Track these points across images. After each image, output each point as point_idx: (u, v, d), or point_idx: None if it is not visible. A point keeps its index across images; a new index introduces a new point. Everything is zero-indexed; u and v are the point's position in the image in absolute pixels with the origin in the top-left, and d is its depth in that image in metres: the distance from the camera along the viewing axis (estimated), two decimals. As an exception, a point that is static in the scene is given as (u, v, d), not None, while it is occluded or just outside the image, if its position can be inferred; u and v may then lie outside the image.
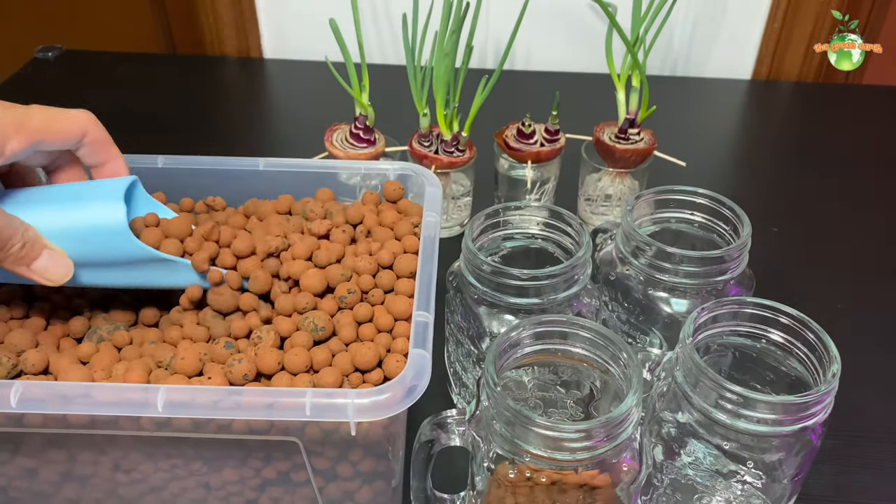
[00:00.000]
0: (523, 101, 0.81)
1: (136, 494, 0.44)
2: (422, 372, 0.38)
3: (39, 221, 0.41)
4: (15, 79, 1.02)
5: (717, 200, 0.53)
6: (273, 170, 0.54)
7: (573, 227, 0.51)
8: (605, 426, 0.36)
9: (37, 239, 0.40)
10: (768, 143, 0.93)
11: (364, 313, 0.44)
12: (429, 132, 0.71)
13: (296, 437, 0.39)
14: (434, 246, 0.46)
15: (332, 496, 0.44)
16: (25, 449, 0.41)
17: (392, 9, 1.01)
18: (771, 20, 1.00)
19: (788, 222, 0.77)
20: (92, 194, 0.43)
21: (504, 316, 0.49)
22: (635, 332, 0.54)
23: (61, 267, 0.41)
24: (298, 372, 0.41)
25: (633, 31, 0.66)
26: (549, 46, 1.04)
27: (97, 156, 0.44)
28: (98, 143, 0.43)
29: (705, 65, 1.05)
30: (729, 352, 0.47)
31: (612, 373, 0.41)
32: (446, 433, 0.42)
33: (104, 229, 0.41)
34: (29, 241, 0.39)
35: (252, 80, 1.08)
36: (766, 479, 0.42)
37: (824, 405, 0.39)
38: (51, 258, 0.41)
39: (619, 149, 0.69)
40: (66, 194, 0.43)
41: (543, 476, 0.38)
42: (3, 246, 0.38)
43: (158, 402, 0.36)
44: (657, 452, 0.45)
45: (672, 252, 0.49)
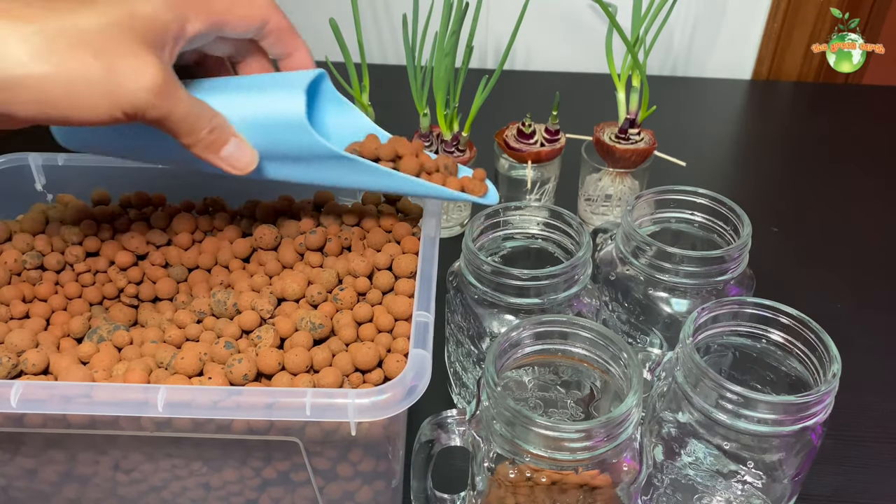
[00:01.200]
0: (523, 101, 0.81)
1: (136, 494, 0.44)
2: (422, 372, 0.38)
3: (224, 109, 0.40)
4: (15, 79, 1.02)
5: (717, 200, 0.53)
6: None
7: (573, 227, 0.51)
8: (606, 426, 0.36)
9: (225, 126, 0.40)
10: (768, 143, 0.93)
11: (364, 313, 0.44)
12: (429, 132, 0.71)
13: (296, 437, 0.39)
14: (434, 246, 0.46)
15: (333, 496, 0.44)
16: (25, 449, 0.41)
17: (392, 9, 1.01)
18: (771, 20, 1.00)
19: (788, 222, 0.77)
20: (274, 85, 0.42)
21: (504, 316, 0.49)
22: (635, 332, 0.54)
23: (247, 155, 0.41)
24: (298, 372, 0.41)
25: (633, 31, 0.66)
26: (549, 46, 1.04)
27: (281, 45, 0.43)
28: (281, 31, 0.42)
29: (705, 65, 1.05)
30: (729, 352, 0.47)
31: (613, 373, 0.41)
32: (446, 433, 0.42)
33: (284, 120, 0.41)
34: (217, 127, 0.39)
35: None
36: (766, 479, 0.42)
37: (824, 405, 0.39)
38: (238, 146, 0.40)
39: (619, 149, 0.69)
40: (250, 84, 0.42)
41: (543, 476, 0.38)
42: (192, 130, 0.38)
43: (159, 402, 0.36)
44: (657, 452, 0.45)
45: (672, 252, 0.49)
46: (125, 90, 0.34)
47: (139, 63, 0.35)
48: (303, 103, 0.41)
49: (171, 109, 0.36)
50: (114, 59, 0.34)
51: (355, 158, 0.43)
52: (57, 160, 0.54)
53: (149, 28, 0.35)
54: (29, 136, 0.93)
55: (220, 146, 0.40)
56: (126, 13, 0.35)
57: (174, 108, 0.36)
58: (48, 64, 0.33)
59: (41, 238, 0.49)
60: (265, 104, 0.41)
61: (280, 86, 0.42)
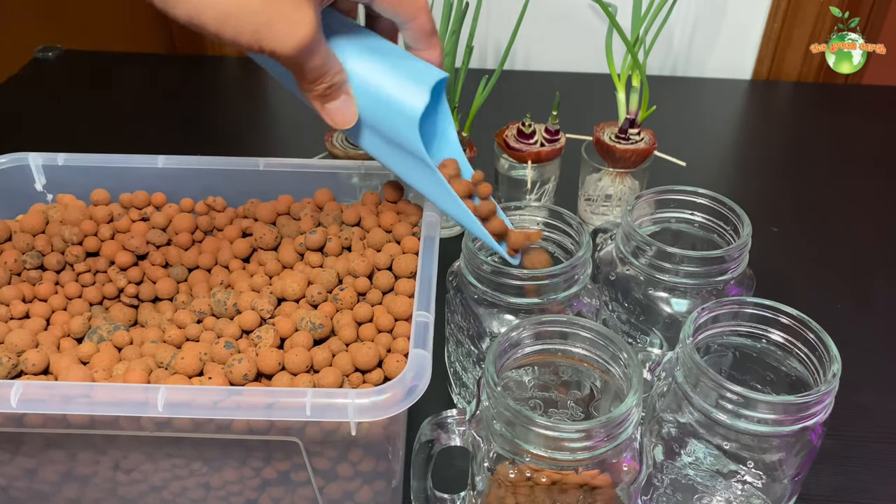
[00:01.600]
0: (523, 101, 0.81)
1: (136, 494, 0.44)
2: (422, 372, 0.38)
3: (353, 66, 0.42)
4: (15, 79, 1.02)
5: (717, 200, 0.53)
6: (273, 170, 0.54)
7: (573, 227, 0.51)
8: (606, 426, 0.36)
9: (342, 84, 0.41)
10: (768, 143, 0.93)
11: (364, 313, 0.44)
12: (429, 132, 0.71)
13: (296, 437, 0.39)
14: (434, 246, 0.46)
15: (333, 496, 0.44)
16: (26, 449, 0.41)
17: (392, 9, 1.01)
18: (771, 20, 1.00)
19: (788, 222, 0.77)
20: (408, 71, 0.43)
21: (504, 316, 0.49)
22: (635, 332, 0.54)
23: (348, 114, 0.42)
24: (298, 372, 0.41)
25: (633, 31, 0.66)
26: (549, 46, 1.04)
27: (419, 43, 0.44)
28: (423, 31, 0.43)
29: (705, 65, 1.05)
30: (729, 352, 0.47)
31: (613, 373, 0.41)
32: (446, 433, 0.42)
33: (400, 108, 0.42)
34: (336, 84, 0.41)
35: (252, 80, 1.08)
36: (766, 479, 0.42)
37: (824, 405, 0.39)
38: (344, 103, 0.42)
39: (619, 149, 0.69)
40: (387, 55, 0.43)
41: (543, 476, 0.38)
42: (312, 81, 0.40)
43: (159, 402, 0.36)
44: (657, 452, 0.45)
45: (672, 252, 0.49)
46: (274, 36, 0.36)
47: (298, 15, 0.36)
48: (424, 103, 0.42)
49: (304, 63, 0.38)
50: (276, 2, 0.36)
51: (439, 176, 0.44)
52: (57, 160, 0.54)
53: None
54: (29, 135, 0.94)
55: (329, 100, 0.41)
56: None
57: (308, 63, 0.38)
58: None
59: (41, 238, 0.49)
60: (391, 84, 0.42)
61: (411, 74, 0.43)
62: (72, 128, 0.92)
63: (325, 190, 0.54)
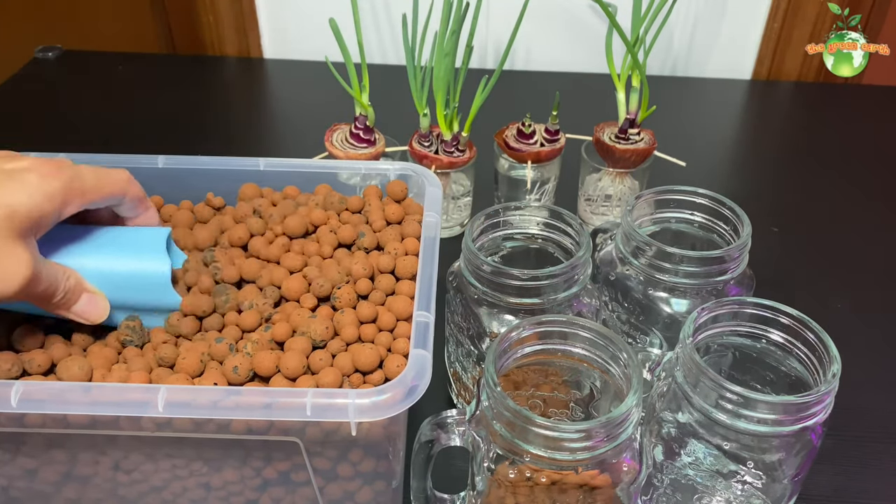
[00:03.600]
0: (523, 101, 0.81)
1: (137, 495, 0.44)
2: (422, 372, 0.38)
3: (83, 265, 0.43)
4: (15, 79, 1.02)
5: (717, 200, 0.53)
6: (273, 170, 0.54)
7: (573, 227, 0.51)
8: (605, 426, 0.36)
9: (78, 284, 0.42)
10: (768, 143, 0.93)
11: (365, 313, 0.44)
12: (429, 132, 0.71)
13: (296, 437, 0.39)
14: (434, 246, 0.46)
15: (333, 496, 0.44)
16: (26, 449, 0.41)
17: (392, 9, 1.01)
18: (771, 20, 1.00)
19: (788, 222, 0.77)
20: (137, 245, 0.44)
21: (504, 316, 0.49)
22: (635, 332, 0.54)
23: (98, 309, 0.43)
24: (298, 373, 0.41)
25: (633, 31, 0.66)
26: (549, 46, 1.04)
27: (134, 211, 0.47)
28: (136, 200, 0.46)
29: (705, 65, 1.05)
30: (729, 352, 0.47)
31: (612, 373, 0.41)
32: (446, 433, 0.42)
33: (147, 281, 0.44)
34: (70, 289, 0.41)
35: (252, 80, 1.08)
36: (766, 479, 0.42)
37: (824, 405, 0.39)
38: (89, 302, 0.42)
39: (619, 149, 0.69)
40: (111, 240, 0.44)
41: (543, 476, 0.38)
42: (46, 298, 0.40)
43: (159, 402, 0.36)
44: (657, 452, 0.45)
45: (672, 252, 0.49)
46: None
47: (11, 262, 0.37)
48: (168, 267, 0.44)
49: (30, 293, 0.39)
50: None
51: None
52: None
53: (26, 222, 0.38)
54: (29, 136, 0.94)
55: (71, 304, 0.42)
56: (6, 213, 0.37)
57: (34, 290, 0.39)
58: None
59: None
60: (128, 265, 0.43)
61: (141, 247, 0.44)
62: (72, 128, 0.92)
63: (325, 185, 0.54)
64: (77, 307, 0.42)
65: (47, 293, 0.40)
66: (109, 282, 0.43)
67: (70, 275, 0.41)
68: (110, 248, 0.44)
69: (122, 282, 0.43)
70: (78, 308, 0.42)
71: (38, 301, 0.40)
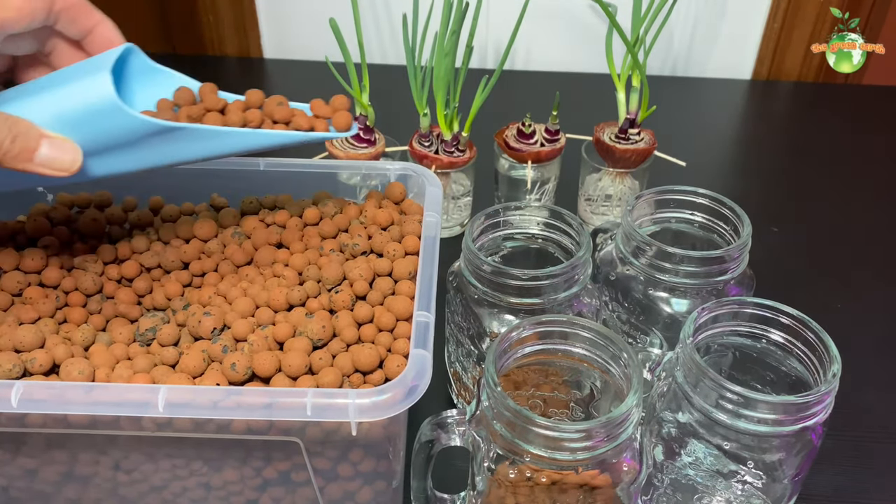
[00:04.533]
0: (523, 101, 0.81)
1: (137, 494, 0.44)
2: (422, 372, 0.38)
3: (30, 112, 0.37)
4: (15, 79, 1.02)
5: (717, 200, 0.53)
6: (273, 170, 0.54)
7: (573, 227, 0.51)
8: (606, 426, 0.36)
9: (29, 129, 0.36)
10: (768, 143, 0.93)
11: (365, 314, 0.44)
12: (429, 132, 0.71)
13: (296, 437, 0.39)
14: (434, 246, 0.46)
15: (333, 496, 0.44)
16: (26, 449, 0.41)
17: (392, 9, 1.01)
18: (771, 20, 1.00)
19: (788, 222, 0.77)
20: (78, 74, 0.38)
21: (504, 316, 0.49)
22: (635, 332, 0.54)
23: (67, 153, 0.37)
24: (299, 373, 0.41)
25: (633, 31, 0.66)
26: (549, 46, 1.04)
27: (77, 24, 0.40)
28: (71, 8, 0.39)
29: (705, 65, 1.05)
30: (729, 352, 0.47)
31: (613, 373, 0.41)
32: (446, 433, 0.42)
33: (95, 107, 0.37)
34: (21, 133, 0.36)
35: (252, 80, 1.08)
36: (766, 479, 0.42)
37: (824, 405, 0.39)
38: (53, 146, 0.37)
39: (619, 149, 0.69)
40: (54, 80, 0.39)
41: (544, 476, 0.38)
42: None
43: (159, 402, 0.36)
44: (657, 452, 0.45)
45: (672, 252, 0.49)
46: None
47: None
48: (108, 84, 0.37)
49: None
50: None
51: (185, 126, 0.39)
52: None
53: None
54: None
55: (31, 153, 0.36)
56: None
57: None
58: None
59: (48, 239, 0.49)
60: (72, 95, 0.37)
61: (84, 72, 0.38)
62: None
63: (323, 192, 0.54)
64: (39, 156, 0.36)
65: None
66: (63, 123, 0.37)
67: (15, 121, 0.35)
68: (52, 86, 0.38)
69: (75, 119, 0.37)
70: (41, 157, 0.36)
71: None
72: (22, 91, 0.39)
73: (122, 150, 0.40)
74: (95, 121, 0.38)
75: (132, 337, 0.45)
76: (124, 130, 0.38)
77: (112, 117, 0.38)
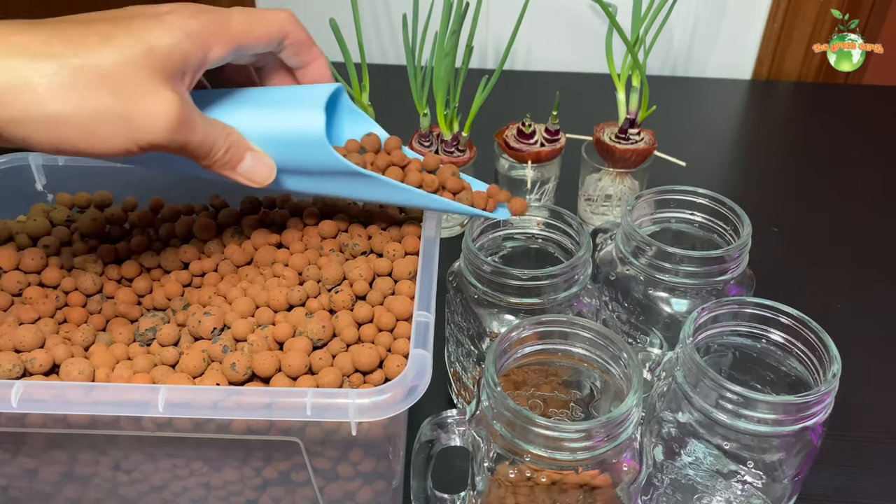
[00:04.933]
0: (523, 101, 0.81)
1: (137, 494, 0.44)
2: (422, 372, 0.38)
3: (242, 124, 0.41)
4: (15, 79, 1.02)
5: (717, 200, 0.53)
6: (273, 170, 0.54)
7: (573, 227, 0.51)
8: (606, 426, 0.36)
9: (240, 142, 0.40)
10: (768, 143, 0.93)
11: (364, 314, 0.44)
12: (429, 132, 0.71)
13: (296, 437, 0.39)
14: (434, 246, 0.46)
15: (333, 496, 0.44)
16: (26, 449, 0.41)
17: (392, 9, 1.01)
18: (771, 20, 1.00)
19: (788, 222, 0.77)
20: (294, 101, 0.42)
21: (504, 316, 0.49)
22: (635, 332, 0.54)
23: (264, 168, 0.41)
24: (299, 373, 0.41)
25: (633, 31, 0.66)
26: (549, 46, 1.04)
27: (298, 57, 0.44)
28: (299, 44, 0.43)
29: (705, 65, 1.05)
30: (729, 352, 0.47)
31: (613, 373, 0.41)
32: (446, 433, 0.42)
33: (303, 137, 0.41)
34: (233, 144, 0.40)
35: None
36: (766, 479, 0.42)
37: (824, 405, 0.39)
38: (254, 160, 0.41)
39: (619, 149, 0.69)
40: (270, 99, 0.43)
41: (543, 476, 0.38)
42: (208, 154, 0.39)
43: (159, 402, 0.36)
44: (657, 452, 0.45)
45: (672, 252, 0.49)
46: (141, 128, 0.35)
47: (156, 101, 0.35)
48: (322, 121, 0.41)
49: (186, 140, 0.37)
50: (131, 98, 0.34)
51: (371, 175, 0.43)
52: (57, 160, 0.54)
53: (168, 61, 0.36)
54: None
55: (236, 163, 0.40)
56: (145, 48, 0.35)
57: (190, 138, 0.37)
58: (66, 104, 0.33)
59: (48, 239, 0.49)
60: (284, 120, 0.41)
61: (299, 102, 0.42)
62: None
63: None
64: (242, 167, 0.40)
65: (204, 148, 0.38)
66: (268, 141, 0.41)
67: (230, 132, 0.40)
68: (267, 105, 0.42)
69: (280, 140, 0.41)
70: (244, 168, 0.41)
71: (198, 157, 0.38)
72: (235, 100, 0.43)
73: (306, 175, 0.44)
74: (297, 147, 0.42)
75: (132, 337, 0.45)
76: (318, 162, 0.42)
77: (313, 149, 0.42)
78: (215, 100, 0.42)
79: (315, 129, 0.41)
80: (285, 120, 0.41)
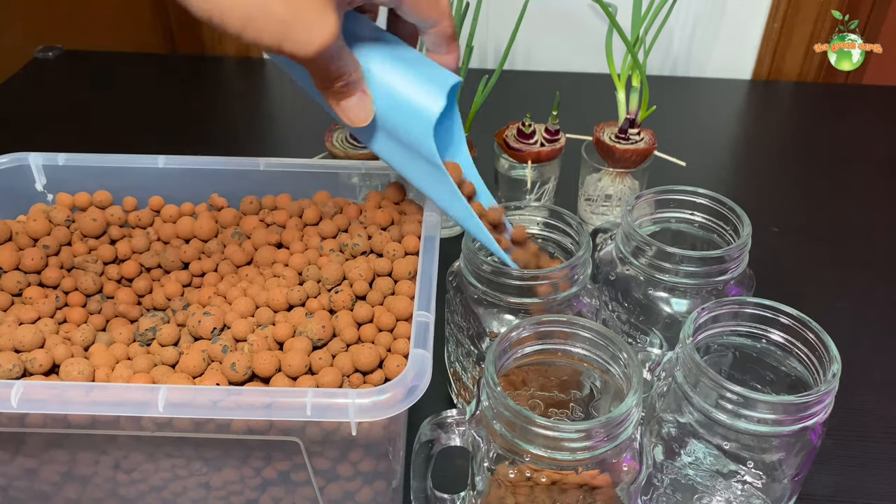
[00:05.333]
0: (523, 101, 0.81)
1: (137, 494, 0.44)
2: (422, 372, 0.38)
3: (373, 65, 0.42)
4: (15, 79, 1.02)
5: (717, 200, 0.53)
6: (273, 170, 0.55)
7: (573, 227, 0.51)
8: (605, 426, 0.36)
9: (359, 82, 0.41)
10: (768, 143, 0.93)
11: (364, 314, 0.44)
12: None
13: (296, 437, 0.39)
14: (434, 246, 0.46)
15: (333, 496, 0.44)
16: (26, 449, 0.41)
17: (392, 9, 1.01)
18: (771, 20, 1.00)
19: (788, 222, 0.77)
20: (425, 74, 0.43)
21: (504, 316, 0.49)
22: (635, 332, 0.54)
23: (363, 111, 0.42)
24: (299, 373, 0.41)
25: (633, 31, 0.66)
26: (549, 46, 1.04)
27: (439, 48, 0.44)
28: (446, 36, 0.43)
29: (705, 65, 1.05)
30: (729, 352, 0.47)
31: (612, 373, 0.41)
32: (446, 433, 0.42)
33: (417, 110, 0.42)
34: (352, 82, 0.41)
35: (252, 80, 1.08)
36: (766, 479, 0.42)
37: (824, 405, 0.39)
38: (360, 101, 0.42)
39: (619, 149, 0.69)
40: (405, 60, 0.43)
41: (543, 476, 0.38)
42: (329, 80, 0.40)
43: (159, 402, 0.36)
44: (657, 452, 0.45)
45: (672, 252, 0.49)
46: (294, 39, 0.36)
47: (319, 19, 0.36)
48: (441, 107, 0.42)
49: (322, 66, 0.38)
50: (300, 9, 0.36)
51: (449, 179, 0.44)
52: (57, 160, 0.54)
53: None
54: (29, 136, 0.93)
55: (345, 97, 0.41)
56: None
57: (326, 65, 0.38)
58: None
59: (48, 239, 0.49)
60: (409, 87, 0.42)
61: (428, 78, 0.43)
62: (72, 128, 0.92)
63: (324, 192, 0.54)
64: (347, 102, 0.41)
65: (333, 73, 0.39)
66: (384, 93, 0.42)
67: (357, 69, 0.41)
68: (401, 63, 0.43)
69: (395, 100, 0.42)
70: (348, 104, 0.42)
71: (321, 78, 0.40)
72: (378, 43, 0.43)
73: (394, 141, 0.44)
74: (405, 114, 0.42)
75: (132, 337, 0.45)
76: (411, 137, 0.43)
77: (416, 123, 0.42)
78: (359, 31, 0.43)
79: (432, 110, 0.42)
80: (411, 89, 0.42)
